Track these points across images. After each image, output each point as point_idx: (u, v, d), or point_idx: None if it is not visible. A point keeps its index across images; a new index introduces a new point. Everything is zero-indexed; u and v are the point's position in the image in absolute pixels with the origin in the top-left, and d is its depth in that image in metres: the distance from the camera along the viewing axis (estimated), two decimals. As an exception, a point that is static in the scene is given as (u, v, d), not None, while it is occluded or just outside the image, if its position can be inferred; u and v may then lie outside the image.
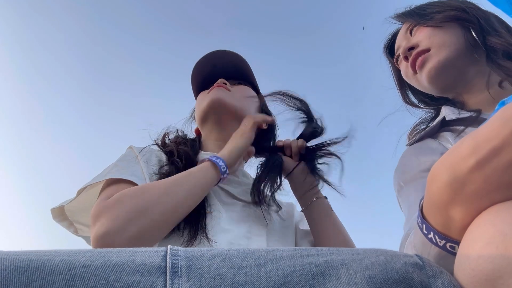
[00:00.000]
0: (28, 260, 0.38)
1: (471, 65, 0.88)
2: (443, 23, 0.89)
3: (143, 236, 0.69)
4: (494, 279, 0.36)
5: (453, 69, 0.88)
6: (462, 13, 0.88)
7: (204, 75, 1.09)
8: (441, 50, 0.88)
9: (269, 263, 0.43)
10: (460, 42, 0.87)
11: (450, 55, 0.87)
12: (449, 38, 0.88)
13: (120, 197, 0.73)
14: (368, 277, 0.41)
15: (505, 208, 0.40)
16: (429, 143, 0.90)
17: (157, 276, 0.40)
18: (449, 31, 0.88)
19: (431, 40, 0.89)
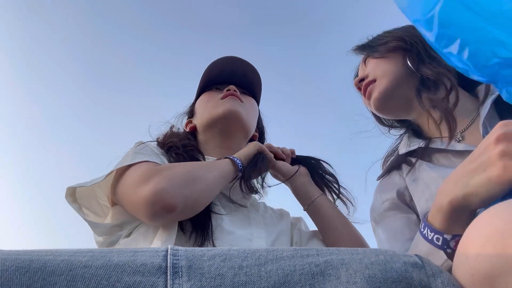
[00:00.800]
0: (29, 260, 0.38)
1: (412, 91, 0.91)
2: (386, 54, 0.94)
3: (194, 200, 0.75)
4: (492, 277, 0.37)
5: (395, 97, 0.92)
6: (402, 43, 0.93)
7: (216, 75, 1.09)
8: (382, 80, 0.92)
9: (269, 263, 0.43)
10: (399, 71, 0.91)
11: (390, 84, 0.91)
12: (389, 67, 0.92)
13: (170, 165, 0.80)
14: (367, 276, 0.41)
15: (503, 208, 0.40)
16: (393, 176, 0.96)
17: (157, 276, 0.40)
18: (391, 61, 0.93)
19: (376, 71, 0.95)
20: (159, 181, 0.73)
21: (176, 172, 0.76)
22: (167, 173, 0.75)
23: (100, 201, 0.87)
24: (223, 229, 0.83)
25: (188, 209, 0.75)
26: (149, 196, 0.71)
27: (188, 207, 0.75)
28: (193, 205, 0.76)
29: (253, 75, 1.11)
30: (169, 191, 0.72)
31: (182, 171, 0.77)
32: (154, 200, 0.71)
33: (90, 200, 0.87)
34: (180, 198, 0.72)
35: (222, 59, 1.09)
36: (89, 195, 0.87)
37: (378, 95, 0.92)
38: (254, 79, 1.12)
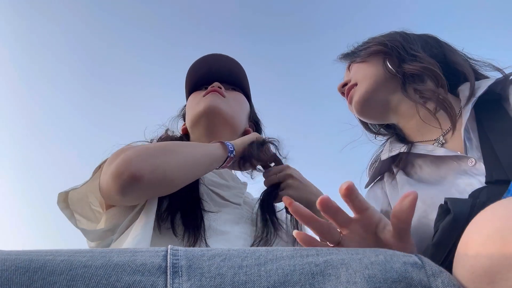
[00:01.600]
0: (29, 260, 0.38)
1: (395, 92, 0.92)
2: (367, 58, 0.95)
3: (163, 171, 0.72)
4: (492, 274, 0.37)
5: (375, 99, 0.93)
6: (382, 46, 0.94)
7: (199, 76, 1.10)
8: (362, 84, 0.94)
9: (269, 262, 0.43)
10: (379, 74, 0.92)
11: (369, 87, 0.92)
12: (370, 71, 0.94)
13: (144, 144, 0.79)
14: (367, 276, 0.41)
15: (502, 205, 0.40)
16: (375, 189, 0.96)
17: (157, 276, 0.40)
18: (371, 64, 0.94)
19: (357, 74, 0.96)
20: (127, 153, 0.72)
21: (148, 146, 0.76)
22: (138, 147, 0.75)
23: (93, 207, 0.87)
24: (216, 229, 0.83)
25: (156, 179, 0.72)
26: (117, 167, 0.70)
27: (157, 178, 0.72)
28: (163, 176, 0.73)
29: (237, 69, 1.11)
30: (135, 160, 0.71)
31: (156, 145, 0.77)
32: (120, 170, 0.70)
33: (83, 206, 0.87)
34: (147, 167, 0.70)
35: (204, 58, 1.09)
36: (81, 200, 0.86)
37: (358, 98, 0.93)
38: (239, 73, 1.11)
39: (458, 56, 0.92)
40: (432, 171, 0.84)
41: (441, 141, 0.85)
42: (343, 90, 1.00)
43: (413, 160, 0.90)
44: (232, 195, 0.94)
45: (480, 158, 0.75)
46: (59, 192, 0.85)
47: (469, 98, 0.82)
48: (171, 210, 0.81)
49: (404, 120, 0.93)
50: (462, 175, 0.75)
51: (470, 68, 0.90)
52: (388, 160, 0.94)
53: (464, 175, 0.75)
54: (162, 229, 0.79)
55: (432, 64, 0.86)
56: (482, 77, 0.90)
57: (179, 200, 0.82)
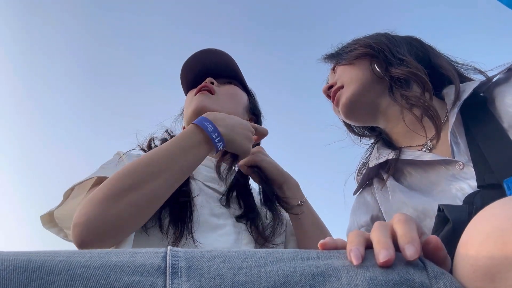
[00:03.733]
0: (27, 260, 0.38)
1: (381, 96, 0.91)
2: (353, 61, 0.94)
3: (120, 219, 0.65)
4: (493, 273, 0.37)
5: (362, 102, 0.92)
6: (368, 49, 0.92)
7: (193, 73, 1.09)
8: (349, 86, 0.92)
9: (269, 264, 0.43)
10: (366, 77, 0.91)
11: (356, 90, 0.91)
12: (356, 74, 0.92)
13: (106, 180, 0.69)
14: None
15: (502, 205, 0.40)
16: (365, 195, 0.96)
17: (156, 276, 0.40)
18: (359, 67, 0.93)
19: (343, 77, 0.95)
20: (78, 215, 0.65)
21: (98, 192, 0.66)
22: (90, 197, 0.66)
23: None
24: (206, 222, 0.82)
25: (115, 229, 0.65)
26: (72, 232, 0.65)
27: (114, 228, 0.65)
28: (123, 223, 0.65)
29: (229, 62, 1.10)
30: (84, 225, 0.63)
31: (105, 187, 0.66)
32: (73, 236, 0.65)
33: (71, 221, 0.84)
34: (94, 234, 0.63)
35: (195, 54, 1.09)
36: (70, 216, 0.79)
37: (345, 100, 0.92)
38: (231, 65, 1.10)
39: (443, 59, 0.92)
40: (421, 177, 0.83)
41: (429, 146, 0.85)
42: (328, 92, 0.99)
43: (402, 167, 0.89)
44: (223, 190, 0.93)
45: (468, 162, 0.75)
46: (40, 215, 0.83)
47: (455, 102, 0.82)
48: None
49: (391, 124, 0.93)
50: (451, 180, 0.75)
51: (454, 71, 0.89)
52: (376, 166, 0.93)
53: (453, 179, 0.75)
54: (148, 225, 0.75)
55: (418, 70, 0.86)
56: (466, 79, 0.90)
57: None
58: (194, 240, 0.76)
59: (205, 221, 0.82)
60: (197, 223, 0.80)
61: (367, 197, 0.95)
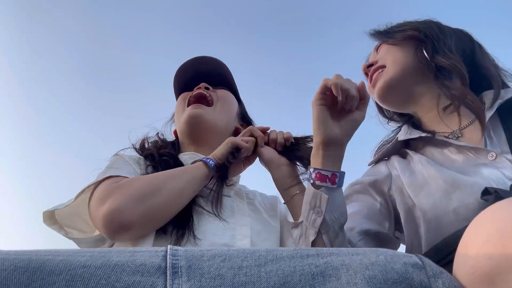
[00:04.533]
0: (28, 260, 0.38)
1: (419, 83, 0.91)
2: (400, 42, 0.93)
3: (151, 215, 0.75)
4: (493, 275, 0.37)
5: (399, 88, 0.92)
6: (417, 32, 0.92)
7: (186, 78, 1.10)
8: (391, 68, 0.91)
9: (269, 263, 0.43)
10: (409, 60, 0.91)
11: (397, 74, 0.90)
12: (400, 55, 0.92)
13: (130, 180, 0.80)
14: (368, 277, 0.41)
15: (502, 207, 0.40)
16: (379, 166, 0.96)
17: (157, 276, 0.40)
18: (403, 49, 0.92)
19: (386, 57, 0.94)
20: (115, 199, 0.74)
21: (133, 188, 0.76)
22: (124, 190, 0.76)
23: (85, 217, 0.87)
24: (205, 220, 0.84)
25: (146, 224, 0.75)
26: (105, 216, 0.73)
27: (146, 223, 0.75)
28: (151, 219, 0.76)
29: (222, 69, 1.11)
30: (123, 209, 0.73)
31: (140, 185, 0.78)
32: (109, 220, 0.73)
33: (73, 219, 0.88)
34: (136, 216, 0.73)
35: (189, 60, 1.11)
36: (71, 214, 0.87)
37: (383, 84, 0.91)
38: (224, 72, 1.11)
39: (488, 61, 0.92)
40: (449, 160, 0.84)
41: (457, 134, 0.85)
42: (367, 70, 0.97)
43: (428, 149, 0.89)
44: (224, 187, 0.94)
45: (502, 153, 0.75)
46: (43, 211, 0.86)
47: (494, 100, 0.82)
48: None
49: (423, 111, 0.93)
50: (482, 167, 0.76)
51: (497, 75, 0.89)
52: (400, 144, 0.93)
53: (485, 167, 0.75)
54: None
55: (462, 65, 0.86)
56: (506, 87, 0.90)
57: None
58: (195, 237, 0.79)
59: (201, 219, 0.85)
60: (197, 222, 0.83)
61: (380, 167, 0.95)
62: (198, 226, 0.82)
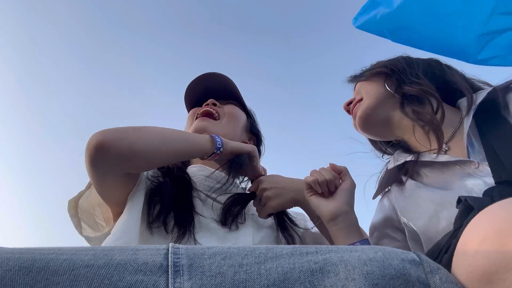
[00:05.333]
0: (32, 259, 0.39)
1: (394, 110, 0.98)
2: (371, 78, 1.04)
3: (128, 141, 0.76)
4: (490, 273, 0.38)
5: (376, 115, 0.99)
6: (383, 68, 1.02)
7: (195, 94, 1.14)
8: (366, 99, 1.00)
9: (269, 260, 0.44)
10: (380, 91, 0.99)
11: (371, 103, 0.99)
12: (371, 88, 1.01)
13: None
14: (366, 273, 0.42)
15: (500, 207, 0.41)
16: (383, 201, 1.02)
17: (159, 275, 0.40)
18: (374, 83, 1.02)
19: (361, 92, 1.03)
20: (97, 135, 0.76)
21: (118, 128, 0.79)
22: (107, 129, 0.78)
23: (97, 220, 0.91)
24: (208, 226, 0.85)
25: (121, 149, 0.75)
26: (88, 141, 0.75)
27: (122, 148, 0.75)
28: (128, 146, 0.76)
29: (229, 84, 1.15)
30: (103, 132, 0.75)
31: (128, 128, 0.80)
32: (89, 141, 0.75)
33: (89, 216, 0.91)
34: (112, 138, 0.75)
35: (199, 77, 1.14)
36: (88, 211, 0.90)
37: (361, 113, 0.99)
38: (231, 87, 1.15)
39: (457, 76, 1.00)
40: (437, 177, 0.89)
41: (444, 149, 0.90)
42: (348, 108, 1.06)
43: (419, 170, 0.95)
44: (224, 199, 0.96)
45: (483, 160, 0.80)
46: (69, 200, 0.89)
47: (469, 108, 0.88)
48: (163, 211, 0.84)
49: (406, 134, 0.99)
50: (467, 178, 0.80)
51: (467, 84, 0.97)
52: (394, 171, 0.98)
53: (469, 177, 0.80)
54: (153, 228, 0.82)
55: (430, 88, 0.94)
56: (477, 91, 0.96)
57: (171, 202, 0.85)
58: (196, 242, 0.81)
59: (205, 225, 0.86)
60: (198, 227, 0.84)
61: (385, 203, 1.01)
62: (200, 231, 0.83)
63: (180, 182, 0.91)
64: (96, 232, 0.91)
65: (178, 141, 0.85)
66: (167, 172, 0.93)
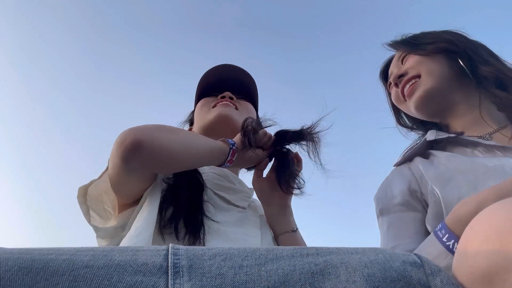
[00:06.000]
0: (31, 260, 0.39)
1: (455, 92, 0.93)
2: (432, 53, 0.95)
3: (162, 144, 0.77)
4: (491, 274, 0.38)
5: (438, 97, 0.94)
6: (451, 45, 0.94)
7: (211, 83, 1.11)
8: (428, 79, 0.93)
9: (269, 262, 0.43)
10: (446, 72, 0.93)
11: (436, 84, 0.92)
12: (436, 67, 0.93)
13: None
14: (367, 275, 0.42)
15: (501, 207, 0.41)
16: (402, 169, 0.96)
17: (159, 276, 0.40)
18: (437, 61, 0.94)
19: (420, 68, 0.95)
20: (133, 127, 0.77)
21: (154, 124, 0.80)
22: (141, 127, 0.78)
23: (106, 207, 0.90)
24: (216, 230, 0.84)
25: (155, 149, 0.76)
26: (121, 136, 0.75)
27: (156, 147, 0.76)
28: (161, 147, 0.76)
29: (249, 81, 1.13)
30: (138, 130, 0.76)
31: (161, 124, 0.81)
32: (124, 137, 0.75)
33: (97, 204, 0.90)
34: (148, 137, 0.75)
35: (218, 66, 1.11)
36: (97, 198, 0.90)
37: (423, 93, 0.93)
38: (250, 84, 1.13)
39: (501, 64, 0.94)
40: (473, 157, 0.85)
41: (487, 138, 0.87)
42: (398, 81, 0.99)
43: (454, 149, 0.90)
44: (238, 199, 0.96)
45: None
46: (79, 187, 0.89)
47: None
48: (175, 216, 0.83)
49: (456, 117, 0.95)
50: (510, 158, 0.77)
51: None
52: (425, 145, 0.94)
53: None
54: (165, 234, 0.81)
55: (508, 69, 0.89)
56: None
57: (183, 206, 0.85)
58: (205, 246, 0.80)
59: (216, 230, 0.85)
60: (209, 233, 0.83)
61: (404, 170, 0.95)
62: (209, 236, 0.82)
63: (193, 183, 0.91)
64: (104, 221, 0.91)
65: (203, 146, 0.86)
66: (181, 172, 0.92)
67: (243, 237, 0.86)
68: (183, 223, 0.82)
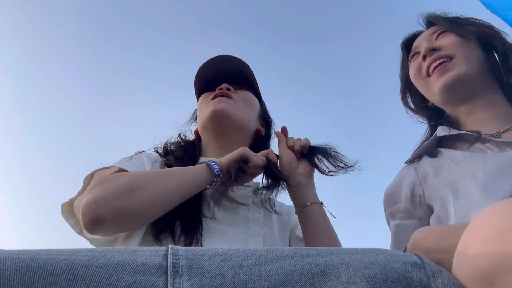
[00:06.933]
0: (30, 259, 0.39)
1: (480, 84, 0.91)
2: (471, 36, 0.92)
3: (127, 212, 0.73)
4: (491, 275, 0.37)
5: (467, 85, 0.90)
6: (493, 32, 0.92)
7: (207, 78, 1.10)
8: (463, 63, 0.90)
9: (269, 262, 0.43)
10: (480, 61, 0.90)
11: (470, 71, 0.89)
12: (472, 54, 0.91)
13: (118, 175, 0.80)
14: (367, 276, 0.41)
15: (501, 207, 0.41)
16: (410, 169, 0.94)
17: (158, 275, 0.40)
18: (474, 48, 0.92)
19: (456, 49, 0.91)
20: (96, 191, 0.74)
21: (116, 183, 0.76)
22: (108, 184, 0.75)
23: None
24: (216, 229, 0.83)
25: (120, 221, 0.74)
26: (83, 207, 0.73)
27: (120, 219, 0.73)
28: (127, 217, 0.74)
29: (244, 69, 1.10)
30: (98, 203, 0.72)
31: (124, 181, 0.76)
32: (85, 211, 0.73)
33: None
34: (108, 211, 0.72)
35: (210, 60, 1.09)
36: None
37: (455, 76, 0.89)
38: (246, 72, 1.11)
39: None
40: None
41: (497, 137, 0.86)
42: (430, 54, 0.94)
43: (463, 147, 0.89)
44: (240, 196, 0.94)
45: None
46: (61, 204, 0.87)
47: None
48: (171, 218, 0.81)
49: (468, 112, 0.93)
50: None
51: None
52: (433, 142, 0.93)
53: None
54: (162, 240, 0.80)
55: None
56: None
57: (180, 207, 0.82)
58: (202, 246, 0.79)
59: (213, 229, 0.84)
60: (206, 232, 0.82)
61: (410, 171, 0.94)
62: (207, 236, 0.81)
63: None
64: None
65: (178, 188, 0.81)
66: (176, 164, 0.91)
67: (244, 236, 0.85)
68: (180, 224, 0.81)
